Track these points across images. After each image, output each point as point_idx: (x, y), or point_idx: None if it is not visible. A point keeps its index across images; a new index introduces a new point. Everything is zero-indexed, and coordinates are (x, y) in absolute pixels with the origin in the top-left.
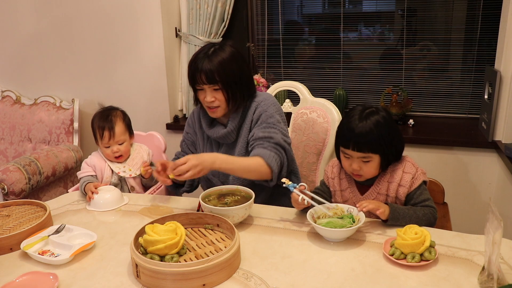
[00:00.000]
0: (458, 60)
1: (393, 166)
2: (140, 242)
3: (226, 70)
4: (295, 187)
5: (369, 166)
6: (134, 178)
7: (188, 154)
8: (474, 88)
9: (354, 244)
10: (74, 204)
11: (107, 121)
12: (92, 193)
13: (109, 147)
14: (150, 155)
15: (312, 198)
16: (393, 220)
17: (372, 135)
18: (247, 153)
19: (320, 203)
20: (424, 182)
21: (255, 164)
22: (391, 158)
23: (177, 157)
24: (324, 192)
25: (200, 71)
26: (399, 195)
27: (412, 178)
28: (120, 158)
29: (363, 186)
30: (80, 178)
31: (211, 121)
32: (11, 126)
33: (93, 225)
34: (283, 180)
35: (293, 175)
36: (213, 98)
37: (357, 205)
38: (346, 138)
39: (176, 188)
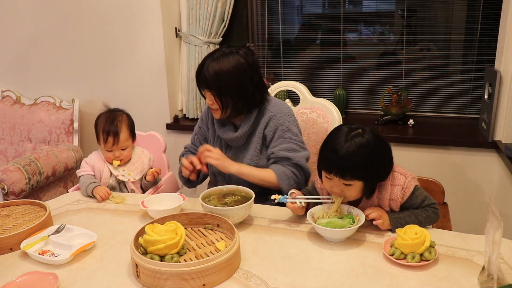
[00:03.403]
0: (458, 60)
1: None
2: (140, 242)
3: (222, 81)
4: (287, 198)
5: (351, 190)
6: (133, 182)
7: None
8: (474, 88)
9: (354, 244)
10: (74, 204)
11: (112, 125)
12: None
13: (111, 151)
14: (151, 161)
15: (307, 199)
16: (397, 229)
17: (355, 159)
18: (259, 160)
19: (317, 202)
20: (415, 186)
21: (267, 177)
22: (374, 184)
23: (187, 149)
24: (313, 195)
25: (200, 75)
26: (393, 208)
27: (402, 189)
28: (120, 162)
29: (353, 201)
30: (80, 177)
31: (222, 121)
32: (11, 126)
33: (93, 225)
34: (273, 197)
35: None
36: (211, 101)
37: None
38: (328, 161)
39: (189, 182)
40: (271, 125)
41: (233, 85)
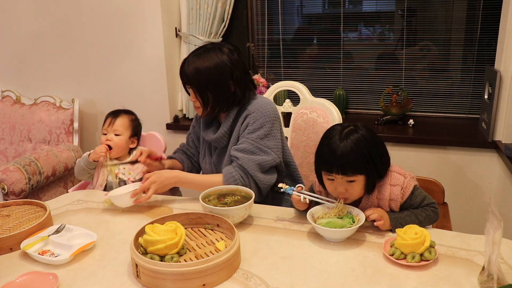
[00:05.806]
0: (458, 60)
1: (379, 182)
2: (140, 242)
3: (201, 78)
4: (293, 190)
5: (355, 186)
6: (133, 181)
7: (192, 147)
8: (474, 88)
9: (354, 244)
10: (74, 204)
11: (114, 113)
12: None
13: (105, 134)
14: None
15: (312, 197)
16: (397, 229)
17: (355, 155)
18: None
19: (321, 203)
20: (415, 185)
21: (214, 183)
22: (375, 179)
23: (181, 149)
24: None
25: (182, 71)
26: (393, 208)
27: (402, 189)
28: (110, 150)
29: (352, 203)
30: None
31: (208, 122)
32: (11, 126)
33: (93, 225)
34: (280, 185)
35: (290, 179)
36: (194, 98)
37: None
38: (328, 161)
39: None
40: (244, 124)
41: (212, 81)
